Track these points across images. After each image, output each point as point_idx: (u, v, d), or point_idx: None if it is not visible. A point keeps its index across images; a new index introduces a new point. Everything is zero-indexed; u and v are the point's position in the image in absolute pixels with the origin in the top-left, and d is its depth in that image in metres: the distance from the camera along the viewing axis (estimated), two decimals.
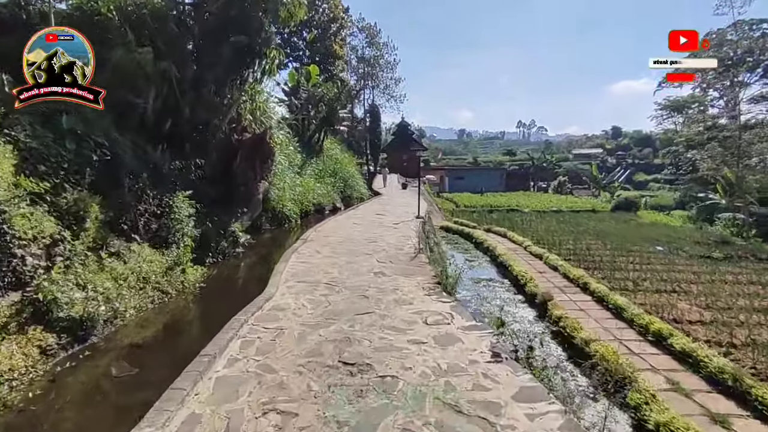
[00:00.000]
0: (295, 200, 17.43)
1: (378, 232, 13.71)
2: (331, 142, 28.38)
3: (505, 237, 19.18)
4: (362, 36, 54.58)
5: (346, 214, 18.04)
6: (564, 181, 54.35)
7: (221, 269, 10.18)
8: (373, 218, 16.78)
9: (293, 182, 17.89)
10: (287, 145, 19.14)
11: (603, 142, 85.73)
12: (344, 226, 14.81)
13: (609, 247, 16.33)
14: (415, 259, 9.72)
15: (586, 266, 12.56)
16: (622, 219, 31.55)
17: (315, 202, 19.82)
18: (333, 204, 21.76)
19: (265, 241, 13.51)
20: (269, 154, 12.74)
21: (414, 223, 15.65)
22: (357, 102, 56.78)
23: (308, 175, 20.88)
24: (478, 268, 13.86)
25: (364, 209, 20.26)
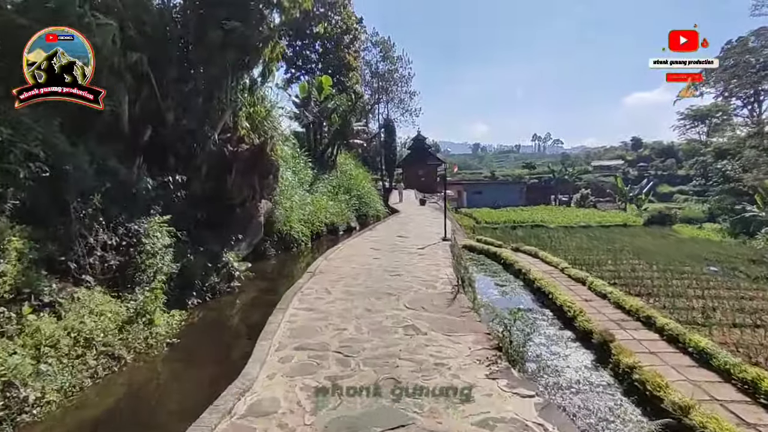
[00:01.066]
0: (305, 220, 15.26)
1: (401, 260, 11.42)
2: (345, 156, 26.32)
3: (536, 257, 16.94)
4: (376, 50, 53.21)
5: (362, 236, 15.86)
6: (587, 194, 51.49)
7: (207, 313, 7.93)
8: (394, 241, 14.59)
9: (303, 200, 15.75)
10: (296, 160, 17.06)
11: (623, 154, 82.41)
12: (360, 252, 12.64)
13: (656, 268, 14.30)
14: (455, 303, 7.35)
15: (637, 292, 11.11)
16: (658, 234, 29.01)
17: (328, 221, 17.62)
18: (347, 223, 19.55)
19: (268, 270, 11.31)
20: (270, 168, 10.60)
21: (441, 246, 13.33)
22: (371, 117, 55.11)
23: (320, 193, 18.72)
24: (512, 294, 12.20)
25: (383, 230, 17.93)
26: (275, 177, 11.36)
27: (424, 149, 50.74)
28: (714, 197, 47.95)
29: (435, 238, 14.83)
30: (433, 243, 14.03)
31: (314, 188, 18.30)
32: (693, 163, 57.40)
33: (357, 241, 14.80)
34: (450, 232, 15.61)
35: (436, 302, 7.32)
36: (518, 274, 14.08)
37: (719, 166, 50.47)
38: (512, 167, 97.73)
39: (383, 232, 16.78)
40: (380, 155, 51.11)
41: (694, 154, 70.97)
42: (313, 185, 18.37)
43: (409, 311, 6.85)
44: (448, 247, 12.70)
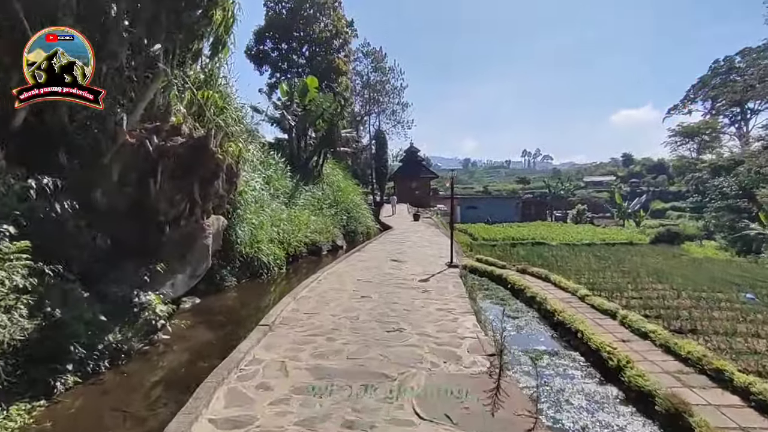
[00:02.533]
0: (280, 240, 12.32)
1: (400, 301, 8.45)
2: (332, 166, 23.44)
3: (548, 281, 14.42)
4: (367, 61, 50.86)
5: (349, 260, 12.90)
6: (583, 209, 49.13)
7: (87, 401, 4.75)
8: (388, 269, 11.72)
9: (277, 215, 12.78)
10: (272, 166, 14.15)
11: (614, 170, 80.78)
12: (344, 285, 9.72)
13: (685, 296, 12.19)
14: (500, 402, 3.97)
15: (677, 328, 9.44)
16: (668, 253, 26.47)
17: (309, 240, 14.66)
18: (333, 242, 16.58)
19: (219, 310, 8.15)
20: (217, 171, 7.53)
21: (449, 277, 10.46)
22: (362, 128, 52.53)
23: (301, 206, 15.78)
24: (527, 329, 10.14)
25: (374, 251, 14.92)
26: (230, 184, 8.36)
27: (417, 161, 48.10)
28: (711, 214, 46.04)
29: (438, 263, 11.97)
30: (438, 272, 11.17)
31: (294, 201, 15.36)
32: (689, 179, 55.50)
33: (341, 268, 11.76)
34: (455, 254, 12.77)
35: (469, 403, 4.11)
36: (531, 302, 11.96)
37: (716, 182, 48.71)
38: (503, 182, 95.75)
39: (374, 254, 13.92)
40: (371, 168, 48.40)
41: (684, 170, 69.55)
42: (293, 197, 15.42)
43: (426, 426, 3.71)
44: (459, 278, 9.88)
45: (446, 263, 11.58)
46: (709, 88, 77.39)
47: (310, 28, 26.97)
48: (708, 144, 72.35)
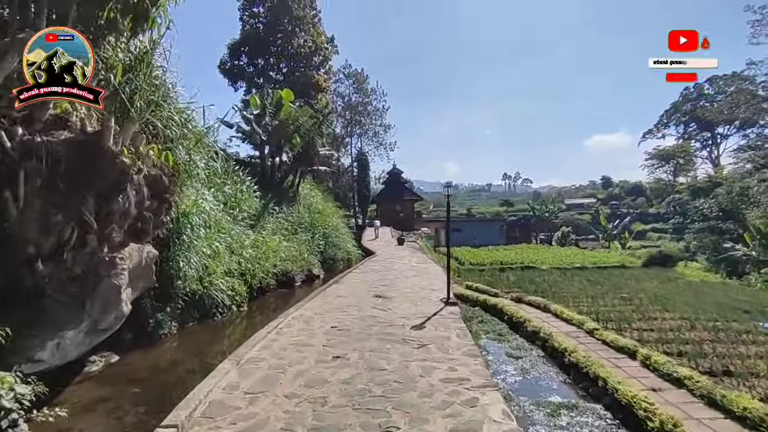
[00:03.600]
0: (241, 271, 10.11)
1: (388, 367, 6.06)
2: (310, 187, 21.39)
3: (547, 311, 12.95)
4: (349, 82, 49.62)
5: (324, 296, 10.71)
6: (567, 232, 47.97)
7: None
8: (371, 309, 9.49)
9: (238, 242, 10.59)
10: (232, 183, 12.00)
11: (594, 192, 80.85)
12: (312, 339, 7.28)
13: (700, 327, 11.00)
14: None
15: (707, 369, 8.21)
16: (664, 277, 25.14)
17: (279, 269, 12.47)
18: (308, 270, 14.40)
19: (133, 381, 5.82)
20: (122, 181, 5.23)
21: (450, 322, 8.45)
22: (344, 150, 50.86)
23: (271, 230, 13.62)
24: (534, 372, 8.73)
25: (354, 283, 12.66)
26: (159, 202, 6.19)
27: (401, 183, 46.45)
28: (694, 235, 45.43)
29: (431, 298, 10.01)
30: (434, 312, 9.08)
31: (262, 224, 13.18)
32: (669, 201, 55.21)
33: (313, 308, 9.31)
34: (446, 285, 10.67)
35: None
36: (534, 338, 10.54)
37: (697, 204, 48.35)
38: (485, 205, 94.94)
39: (355, 287, 11.77)
40: (353, 190, 46.50)
41: (661, 192, 69.90)
42: (262, 220, 13.25)
43: None
44: (462, 322, 7.78)
45: (442, 299, 9.54)
46: (681, 113, 78.92)
47: (288, 43, 25.27)
48: (683, 167, 73.17)
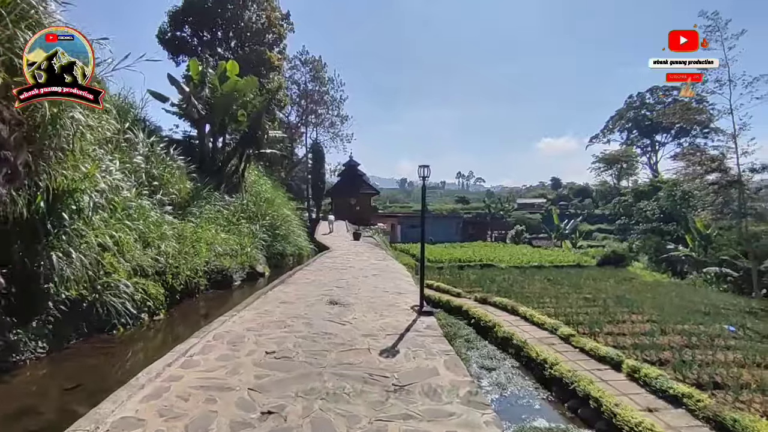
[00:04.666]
0: (158, 269, 7.88)
1: None
2: (257, 174, 19.02)
3: (515, 314, 12.05)
4: (305, 69, 46.94)
5: (265, 301, 8.26)
6: (521, 230, 48.14)
7: None
8: (324, 322, 7.16)
9: (158, 231, 8.32)
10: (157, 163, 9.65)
11: (544, 192, 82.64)
12: (233, 377, 4.80)
13: (670, 331, 10.50)
14: None
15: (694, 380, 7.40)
16: (619, 277, 25.09)
17: (214, 266, 10.26)
18: (250, 267, 12.22)
19: None
20: None
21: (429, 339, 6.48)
22: (298, 141, 48.16)
23: (206, 219, 11.33)
24: (511, 388, 7.62)
25: (305, 284, 10.50)
26: None
27: (358, 176, 44.46)
28: (637, 235, 46.86)
29: (400, 306, 7.97)
30: (406, 326, 6.91)
31: (195, 212, 10.87)
32: (616, 203, 56.87)
33: (245, 321, 6.85)
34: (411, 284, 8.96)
35: None
36: (506, 345, 9.69)
37: (641, 206, 49.95)
38: (440, 202, 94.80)
39: (305, 290, 9.53)
40: (307, 182, 44.01)
41: (606, 194, 72.47)
42: (194, 207, 10.92)
43: None
44: (446, 342, 5.84)
45: (413, 307, 7.63)
46: (625, 120, 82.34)
47: (238, 16, 22.61)
48: (626, 171, 76.23)
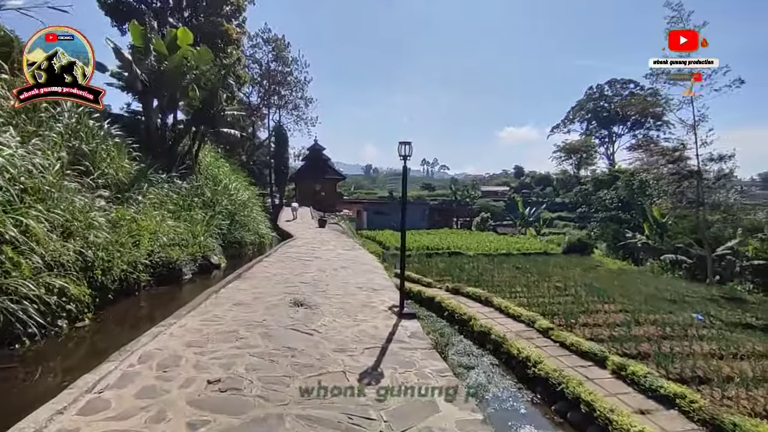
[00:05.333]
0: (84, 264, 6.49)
1: None
2: (214, 156, 17.38)
3: (489, 305, 11.57)
4: (268, 48, 44.46)
5: (212, 305, 6.71)
6: (486, 217, 48.23)
7: None
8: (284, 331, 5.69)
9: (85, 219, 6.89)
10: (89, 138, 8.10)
11: (507, 180, 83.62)
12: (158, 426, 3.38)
13: (644, 321, 10.34)
14: None
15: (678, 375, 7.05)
16: (586, 264, 25.30)
17: (159, 258, 8.87)
18: (204, 258, 10.85)
19: None
20: None
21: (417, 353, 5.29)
22: (260, 124, 45.87)
23: (151, 205, 9.84)
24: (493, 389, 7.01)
25: (264, 279, 9.15)
26: None
27: (323, 160, 42.79)
28: (597, 223, 48.01)
29: (376, 306, 6.96)
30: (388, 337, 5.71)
31: (134, 195, 9.37)
32: (576, 192, 58.03)
33: (183, 337, 5.31)
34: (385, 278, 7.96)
35: None
36: (483, 340, 9.17)
37: (601, 194, 51.13)
38: (407, 189, 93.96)
39: (264, 287, 8.15)
40: (269, 167, 41.98)
41: (567, 183, 74.08)
42: (133, 190, 9.42)
43: None
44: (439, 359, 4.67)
45: (392, 308, 6.48)
46: (585, 111, 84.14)
47: None
48: (585, 160, 78.13)
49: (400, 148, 5.50)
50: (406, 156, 5.51)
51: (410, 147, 5.59)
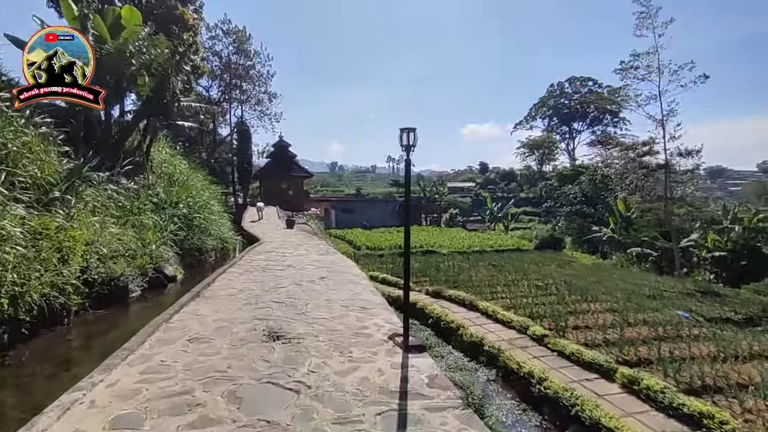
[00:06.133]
0: None
1: None
2: (171, 152, 15.54)
3: (475, 310, 10.82)
4: (228, 40, 41.97)
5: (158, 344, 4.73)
6: (455, 214, 47.79)
7: None
8: (259, 382, 3.94)
9: None
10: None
11: (473, 176, 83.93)
12: None
13: (633, 321, 9.97)
14: None
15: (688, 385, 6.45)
16: (560, 260, 25.11)
17: (98, 275, 7.26)
18: (156, 271, 9.22)
19: None
20: None
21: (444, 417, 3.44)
22: (221, 118, 43.30)
23: (89, 210, 8.16)
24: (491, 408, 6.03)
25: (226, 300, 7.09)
26: None
27: (289, 158, 40.76)
28: (563, 218, 48.56)
29: (371, 334, 5.42)
30: (396, 386, 3.93)
31: (64, 198, 7.66)
32: (541, 187, 58.68)
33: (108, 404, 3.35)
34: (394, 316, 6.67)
35: None
36: (475, 351, 8.36)
37: (566, 190, 51.78)
38: (372, 185, 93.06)
39: (228, 312, 6.32)
40: (232, 165, 39.66)
41: (530, 178, 75.07)
42: (62, 192, 7.70)
43: None
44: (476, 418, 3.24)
45: (392, 338, 4.94)
46: (547, 107, 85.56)
47: None
48: (548, 156, 79.49)
49: (402, 137, 4.29)
50: (409, 146, 4.27)
51: (414, 135, 4.38)
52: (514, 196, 71.32)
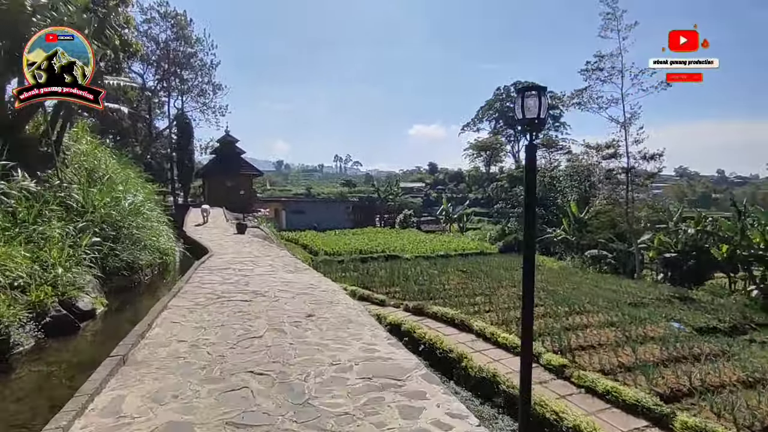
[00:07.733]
0: None
1: None
2: (92, 143, 12.26)
3: (468, 330, 9.38)
4: (166, 24, 37.48)
5: None
6: (409, 214, 46.37)
7: None
8: None
9: None
10: None
11: (423, 177, 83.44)
12: None
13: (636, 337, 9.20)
14: None
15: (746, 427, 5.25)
16: None
17: None
18: (62, 305, 6.39)
19: None
20: None
21: None
22: (158, 110, 38.66)
23: None
24: None
25: (174, 372, 4.12)
26: None
27: (236, 154, 36.95)
28: (514, 219, 48.72)
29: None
30: None
31: None
32: (493, 188, 58.81)
33: None
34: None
35: None
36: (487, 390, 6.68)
37: (517, 191, 52.13)
38: (319, 184, 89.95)
39: (171, 405, 3.42)
40: (171, 161, 35.34)
41: (478, 179, 75.75)
42: None
43: None
44: None
45: None
46: (493, 110, 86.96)
47: None
48: (495, 158, 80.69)
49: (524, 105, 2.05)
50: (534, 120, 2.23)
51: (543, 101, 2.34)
52: (464, 197, 71.47)
